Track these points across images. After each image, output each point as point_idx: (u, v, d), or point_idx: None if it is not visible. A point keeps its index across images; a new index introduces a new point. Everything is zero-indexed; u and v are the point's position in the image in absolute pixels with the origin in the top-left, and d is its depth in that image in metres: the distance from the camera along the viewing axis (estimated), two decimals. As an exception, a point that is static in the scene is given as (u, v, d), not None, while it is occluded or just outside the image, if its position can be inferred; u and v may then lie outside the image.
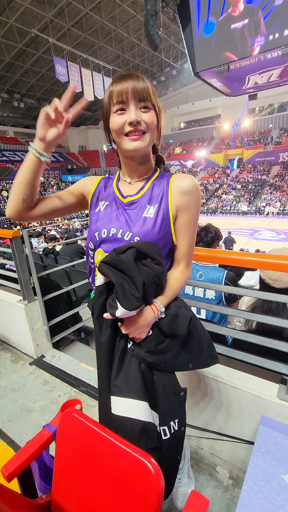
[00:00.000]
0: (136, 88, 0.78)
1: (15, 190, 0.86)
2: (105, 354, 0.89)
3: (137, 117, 0.79)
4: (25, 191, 0.85)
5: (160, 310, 0.85)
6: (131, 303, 0.75)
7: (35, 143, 0.83)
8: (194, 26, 4.06)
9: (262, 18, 3.61)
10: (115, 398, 0.85)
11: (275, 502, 0.81)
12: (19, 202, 0.86)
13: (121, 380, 0.85)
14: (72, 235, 9.46)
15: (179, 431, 0.89)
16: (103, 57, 24.96)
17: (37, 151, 0.83)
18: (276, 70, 4.28)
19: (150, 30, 10.10)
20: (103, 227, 0.88)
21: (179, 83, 33.67)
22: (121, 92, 0.78)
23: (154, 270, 0.80)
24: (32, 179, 0.85)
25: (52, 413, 1.79)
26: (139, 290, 0.76)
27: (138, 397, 0.83)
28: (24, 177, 0.84)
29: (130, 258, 0.76)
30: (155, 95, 0.83)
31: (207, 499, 0.67)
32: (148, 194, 0.89)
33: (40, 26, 19.96)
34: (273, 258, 1.16)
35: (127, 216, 0.87)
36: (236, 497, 1.27)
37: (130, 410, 0.82)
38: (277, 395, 1.20)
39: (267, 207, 22.42)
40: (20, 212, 0.88)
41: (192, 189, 0.86)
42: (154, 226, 0.84)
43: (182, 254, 0.91)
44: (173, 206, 0.86)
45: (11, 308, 2.35)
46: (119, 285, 0.76)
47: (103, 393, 0.91)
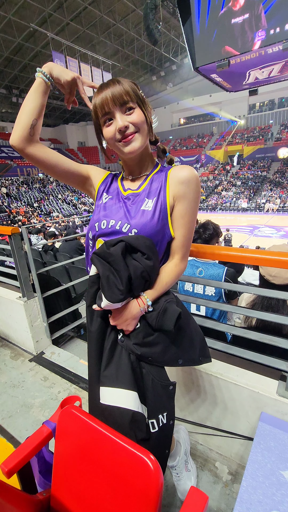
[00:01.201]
0: (115, 95, 0.81)
1: (24, 115, 0.86)
2: (95, 344, 0.90)
3: (124, 122, 0.82)
4: (34, 115, 0.87)
5: (147, 304, 0.86)
6: (115, 296, 0.77)
7: (44, 68, 0.88)
8: (194, 20, 4.02)
9: (263, 12, 3.57)
10: (105, 389, 0.86)
11: (274, 498, 0.81)
12: (27, 126, 0.86)
13: (112, 370, 0.86)
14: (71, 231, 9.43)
15: (167, 424, 0.90)
16: (102, 52, 24.71)
17: (44, 74, 0.87)
18: (276, 65, 4.24)
19: (150, 24, 10.01)
20: (103, 219, 0.91)
21: (179, 78, 33.38)
22: (102, 104, 0.82)
23: (143, 265, 0.81)
24: (41, 103, 0.88)
25: (52, 409, 1.80)
26: (123, 283, 0.78)
27: (128, 387, 0.83)
28: (34, 101, 0.87)
29: (118, 251, 0.78)
30: (136, 90, 0.85)
31: (206, 495, 0.67)
32: (148, 189, 0.91)
33: (38, 20, 19.72)
34: (272, 255, 1.15)
35: (126, 209, 0.90)
36: (235, 493, 1.28)
37: (120, 400, 0.83)
38: (277, 392, 1.21)
39: (267, 204, 22.38)
40: (26, 138, 0.87)
41: (189, 179, 0.86)
42: (152, 219, 0.85)
43: (177, 245, 0.91)
44: (170, 197, 0.87)
45: (10, 305, 2.34)
46: (105, 277, 0.78)
47: (93, 383, 0.91)
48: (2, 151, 30.25)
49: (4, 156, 29.65)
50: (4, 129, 33.76)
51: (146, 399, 0.87)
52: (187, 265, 1.89)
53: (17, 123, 0.88)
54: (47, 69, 0.88)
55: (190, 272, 1.85)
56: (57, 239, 5.09)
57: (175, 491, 1.27)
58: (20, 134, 0.87)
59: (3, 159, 29.23)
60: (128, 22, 22.88)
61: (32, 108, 0.87)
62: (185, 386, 1.46)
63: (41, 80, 0.87)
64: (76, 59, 18.54)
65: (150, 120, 0.90)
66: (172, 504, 1.24)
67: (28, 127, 0.86)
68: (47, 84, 0.88)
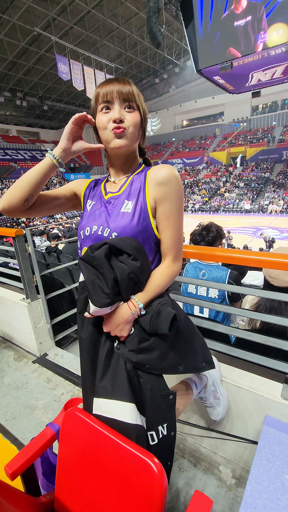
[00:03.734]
0: (121, 90, 0.82)
1: (21, 188, 0.86)
2: (87, 351, 0.88)
3: (120, 115, 0.82)
4: (32, 191, 0.86)
5: (139, 307, 0.83)
6: (101, 300, 0.76)
7: (56, 151, 0.88)
8: (197, 23, 4.04)
9: (265, 15, 3.58)
10: (101, 400, 0.82)
11: (279, 503, 0.80)
12: (21, 200, 0.86)
13: (108, 381, 0.82)
14: (74, 233, 9.46)
15: (168, 436, 0.85)
16: (105, 55, 24.90)
17: (57, 160, 0.87)
18: (280, 66, 4.24)
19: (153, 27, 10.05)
20: (87, 226, 0.90)
21: (182, 81, 33.50)
22: (106, 93, 0.83)
23: (130, 266, 0.78)
24: (42, 181, 0.87)
25: (55, 411, 1.80)
26: (109, 286, 0.76)
27: (125, 398, 0.79)
28: (35, 178, 0.86)
29: (101, 254, 0.77)
30: (141, 98, 0.88)
31: (210, 500, 0.67)
32: (128, 190, 0.90)
33: (42, 24, 19.93)
34: (276, 257, 1.14)
35: (106, 212, 0.89)
36: (239, 497, 1.26)
37: (117, 412, 0.79)
38: (281, 395, 1.20)
39: (270, 205, 22.30)
40: (17, 209, 0.87)
41: (168, 179, 0.84)
42: (131, 221, 0.83)
43: (166, 246, 0.89)
44: (150, 199, 0.85)
45: (14, 306, 2.35)
46: (90, 281, 0.77)
47: (87, 392, 0.89)
48: (6, 153, 30.50)
49: (8, 159, 29.88)
50: (8, 131, 34.07)
51: (145, 409, 0.83)
52: (191, 267, 1.89)
53: (11, 193, 0.86)
54: (58, 152, 0.88)
55: (193, 274, 1.85)
56: (61, 241, 5.10)
57: (179, 494, 1.26)
58: (13, 204, 0.87)
59: (7, 162, 29.46)
60: (131, 25, 23.04)
61: (32, 183, 0.86)
62: (188, 388, 1.46)
63: (51, 162, 0.87)
64: (80, 62, 18.69)
65: (145, 128, 0.92)
66: (176, 508, 1.23)
67: (22, 200, 0.86)
68: (55, 168, 0.89)
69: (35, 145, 35.07)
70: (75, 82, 18.31)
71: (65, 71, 17.63)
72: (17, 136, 34.42)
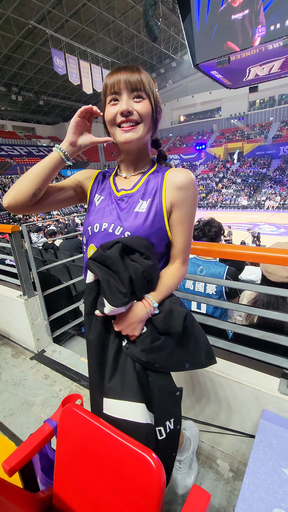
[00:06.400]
0: (129, 79, 0.78)
1: (28, 182, 0.82)
2: (95, 352, 0.86)
3: (128, 106, 0.78)
4: (39, 185, 0.83)
5: (153, 306, 0.83)
6: (118, 299, 0.74)
7: (63, 145, 0.85)
8: (194, 16, 3.99)
9: (262, 8, 3.54)
10: (111, 400, 0.82)
11: (276, 495, 0.81)
12: (28, 195, 0.82)
13: (117, 382, 0.82)
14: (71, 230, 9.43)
15: (174, 429, 0.88)
16: (101, 49, 24.60)
17: (64, 153, 0.85)
18: (277, 61, 4.21)
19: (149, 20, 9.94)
20: (96, 222, 0.87)
21: (179, 75, 33.25)
22: (113, 83, 0.79)
23: (143, 265, 0.78)
24: (49, 176, 0.84)
25: (53, 407, 1.80)
26: (125, 285, 0.75)
27: (135, 399, 0.80)
28: (43, 173, 0.83)
29: (116, 253, 0.75)
30: (151, 85, 0.82)
31: (208, 493, 0.67)
32: (142, 189, 0.87)
33: (37, 17, 19.60)
34: (273, 252, 1.15)
35: (119, 210, 0.86)
36: (236, 489, 1.28)
37: (128, 413, 0.79)
38: (278, 389, 1.21)
39: (267, 201, 22.34)
40: (24, 204, 0.83)
41: (187, 184, 0.83)
42: (145, 221, 0.82)
43: (177, 251, 0.89)
44: (167, 201, 0.84)
45: (11, 303, 2.34)
46: (105, 281, 0.75)
47: (95, 392, 0.88)
48: (2, 149, 30.15)
49: (3, 155, 29.55)
50: (4, 127, 33.67)
51: (153, 406, 0.84)
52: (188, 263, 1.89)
53: (17, 188, 0.82)
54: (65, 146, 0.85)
55: (191, 270, 1.85)
56: (57, 237, 5.07)
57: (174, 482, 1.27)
58: (19, 200, 0.82)
59: (3, 157, 29.14)
60: (128, 18, 22.75)
61: (39, 177, 0.82)
62: (186, 384, 1.46)
63: (59, 157, 0.84)
64: (76, 56, 18.47)
65: (156, 117, 0.86)
66: (174, 501, 1.24)
67: (30, 195, 0.82)
68: (63, 162, 0.86)
69: (31, 140, 34.70)
70: (71, 77, 18.10)
71: (61, 65, 17.41)
72: (12, 131, 34.01)
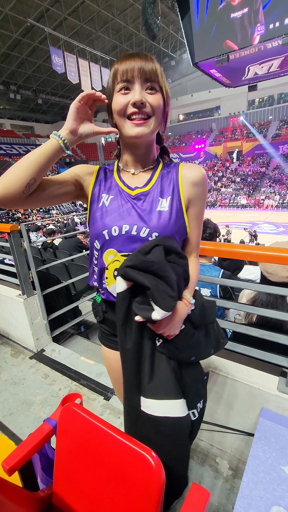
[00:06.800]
0: (143, 68, 0.72)
1: (21, 171, 0.72)
2: (133, 360, 0.83)
3: (141, 97, 0.73)
4: (34, 175, 0.73)
5: (191, 303, 0.84)
6: (170, 304, 0.72)
7: (62, 132, 0.77)
8: (193, 15, 3.98)
9: (261, 7, 3.53)
10: (152, 401, 0.81)
11: (275, 493, 0.81)
12: (21, 186, 0.72)
13: (156, 383, 0.81)
14: (70, 229, 9.42)
15: (203, 408, 0.93)
16: (100, 47, 24.49)
17: (64, 142, 0.76)
18: (276, 60, 4.21)
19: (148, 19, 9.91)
20: (113, 224, 0.81)
21: (178, 74, 33.16)
22: (126, 70, 0.73)
23: (182, 265, 0.80)
24: (46, 166, 0.75)
25: (53, 406, 1.80)
26: (174, 289, 0.74)
27: (175, 396, 0.81)
28: (38, 161, 0.73)
29: (161, 257, 0.73)
30: (163, 77, 0.77)
31: (208, 491, 0.68)
32: (158, 186, 0.84)
33: (35, 15, 19.49)
34: (273, 251, 1.15)
35: (139, 210, 0.81)
36: (236, 487, 1.28)
37: (170, 411, 0.80)
38: (277, 388, 1.21)
39: (266, 200, 22.35)
40: (16, 196, 0.73)
41: (203, 180, 0.84)
42: (170, 220, 0.80)
43: (193, 245, 0.90)
44: (184, 198, 0.83)
45: (10, 302, 2.34)
46: (155, 287, 0.71)
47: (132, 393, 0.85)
48: (0, 148, 30.04)
49: (2, 153, 29.44)
50: (2, 125, 33.53)
51: (185, 393, 0.86)
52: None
53: (8, 177, 0.72)
54: (65, 134, 0.77)
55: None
56: (56, 236, 5.07)
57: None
58: (11, 191, 0.72)
59: (1, 156, 29.01)
60: (126, 16, 22.65)
61: (34, 166, 0.73)
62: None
63: (57, 144, 0.76)
64: (74, 54, 18.38)
65: (167, 111, 0.82)
66: (173, 500, 1.25)
67: (23, 186, 0.72)
68: (61, 151, 0.77)
69: (29, 139, 34.56)
70: (70, 75, 18.02)
71: (59, 63, 17.32)
72: (11, 130, 33.87)
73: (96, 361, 2.20)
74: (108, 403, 1.79)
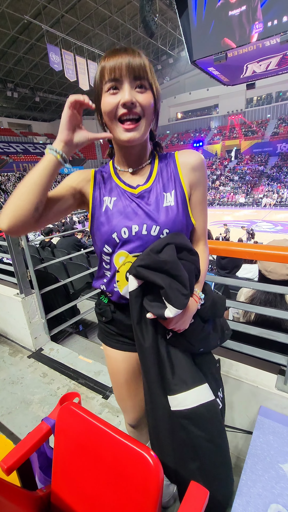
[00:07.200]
0: (132, 64, 0.69)
1: (27, 196, 0.69)
2: (154, 358, 0.82)
3: (131, 97, 0.70)
4: (40, 197, 0.70)
5: (201, 298, 0.85)
6: (182, 302, 0.73)
7: (58, 145, 0.73)
8: (191, 12, 3.95)
9: (259, 4, 3.52)
10: (180, 396, 0.81)
11: (273, 491, 0.82)
12: (30, 210, 0.69)
13: (180, 376, 0.82)
14: (69, 228, 9.39)
15: (223, 396, 0.95)
16: (98, 45, 24.38)
17: (62, 156, 0.73)
18: (274, 58, 4.20)
19: (146, 16, 9.87)
20: (122, 226, 0.79)
21: (176, 72, 33.08)
22: (114, 68, 0.69)
23: (193, 262, 0.80)
24: (48, 183, 0.72)
25: (51, 405, 1.80)
26: (187, 287, 0.74)
27: (200, 382, 0.83)
28: (41, 181, 0.70)
29: (173, 256, 0.73)
30: (153, 73, 0.74)
31: (207, 490, 0.68)
32: (160, 180, 0.82)
33: (33, 12, 19.36)
34: (272, 249, 1.15)
35: (146, 208, 0.80)
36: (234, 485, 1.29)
37: (201, 397, 0.81)
38: (275, 386, 1.21)
39: (265, 199, 22.38)
40: (27, 223, 0.70)
41: (201, 163, 0.83)
42: (177, 214, 0.80)
43: (200, 232, 0.89)
44: (186, 185, 0.82)
45: (8, 301, 2.33)
46: (168, 286, 0.71)
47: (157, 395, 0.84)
48: (-2, 146, 29.92)
49: (-1, 152, 29.34)
50: (0, 123, 33.36)
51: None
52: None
53: (13, 207, 0.69)
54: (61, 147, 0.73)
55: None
56: (55, 235, 5.05)
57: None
58: (21, 219, 0.69)
59: (-1, 155, 28.92)
60: (124, 14, 22.56)
61: (39, 188, 0.70)
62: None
63: (55, 159, 0.72)
64: (72, 52, 18.28)
65: (158, 108, 0.79)
66: (171, 500, 1.25)
67: (32, 211, 0.70)
68: (60, 165, 0.74)
69: (27, 137, 34.46)
70: (67, 73, 17.92)
71: (57, 61, 17.23)
72: (8, 128, 33.72)
73: (95, 359, 2.20)
74: (107, 402, 1.79)
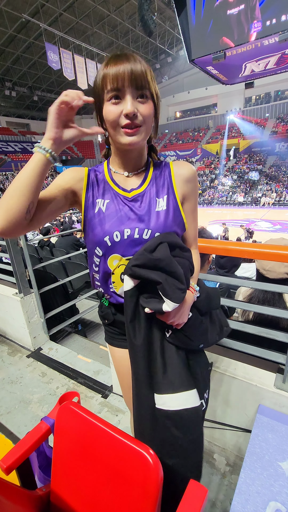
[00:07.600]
0: (134, 73, 0.69)
1: (18, 197, 0.68)
2: (143, 356, 0.83)
3: (133, 109, 0.71)
4: (31, 198, 0.70)
5: (196, 290, 0.88)
6: (179, 296, 0.76)
7: (46, 144, 0.72)
8: (190, 11, 3.94)
9: (258, 3, 3.52)
10: (166, 396, 0.82)
11: (272, 489, 0.82)
12: (22, 212, 0.69)
13: (171, 376, 0.83)
14: (67, 227, 9.38)
15: (208, 397, 0.96)
16: (96, 44, 24.30)
17: (51, 153, 0.72)
18: (273, 57, 4.19)
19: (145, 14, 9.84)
20: (114, 230, 0.81)
21: (175, 71, 33.00)
22: (116, 77, 0.69)
23: (186, 258, 0.83)
24: (39, 183, 0.71)
25: (51, 405, 1.80)
26: (183, 282, 0.78)
27: (189, 387, 0.83)
28: (31, 181, 0.69)
29: (167, 254, 0.76)
30: (154, 80, 0.75)
31: (205, 488, 0.68)
32: (153, 186, 0.85)
33: (31, 10, 19.27)
34: (270, 248, 1.15)
35: (138, 212, 0.82)
36: (233, 483, 1.29)
37: (186, 402, 0.82)
38: (274, 384, 1.22)
39: (263, 198, 22.40)
40: (18, 225, 0.70)
41: (194, 176, 0.89)
42: (169, 218, 0.83)
43: (192, 237, 0.95)
44: (179, 195, 0.86)
45: (7, 301, 2.33)
46: (165, 281, 0.75)
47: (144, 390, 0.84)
48: (-4, 145, 29.80)
49: (-3, 151, 29.22)
50: (-2, 123, 33.23)
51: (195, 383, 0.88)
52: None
53: (4, 208, 0.67)
54: (49, 145, 0.72)
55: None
56: (53, 235, 5.04)
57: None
58: (14, 221, 0.68)
59: (-3, 154, 28.80)
60: (123, 12, 22.48)
61: (29, 189, 0.69)
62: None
63: (44, 158, 0.71)
64: (70, 50, 18.21)
65: (158, 115, 0.81)
66: (171, 496, 1.25)
67: (23, 213, 0.69)
68: (50, 163, 0.73)
69: (25, 137, 34.30)
70: (66, 72, 17.86)
71: (55, 60, 17.16)
72: (6, 127, 33.57)
73: (94, 359, 2.20)
74: (106, 401, 1.79)
